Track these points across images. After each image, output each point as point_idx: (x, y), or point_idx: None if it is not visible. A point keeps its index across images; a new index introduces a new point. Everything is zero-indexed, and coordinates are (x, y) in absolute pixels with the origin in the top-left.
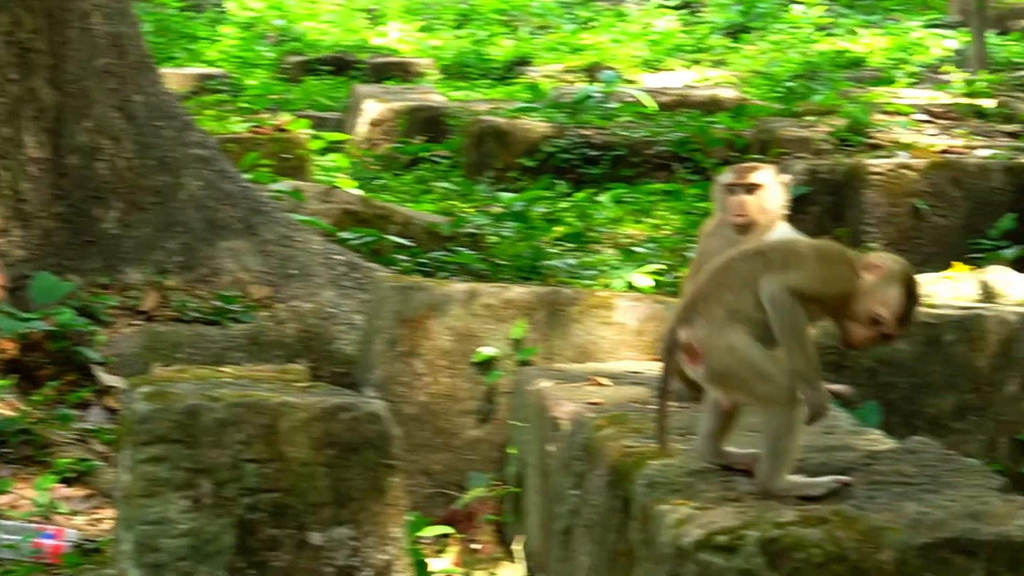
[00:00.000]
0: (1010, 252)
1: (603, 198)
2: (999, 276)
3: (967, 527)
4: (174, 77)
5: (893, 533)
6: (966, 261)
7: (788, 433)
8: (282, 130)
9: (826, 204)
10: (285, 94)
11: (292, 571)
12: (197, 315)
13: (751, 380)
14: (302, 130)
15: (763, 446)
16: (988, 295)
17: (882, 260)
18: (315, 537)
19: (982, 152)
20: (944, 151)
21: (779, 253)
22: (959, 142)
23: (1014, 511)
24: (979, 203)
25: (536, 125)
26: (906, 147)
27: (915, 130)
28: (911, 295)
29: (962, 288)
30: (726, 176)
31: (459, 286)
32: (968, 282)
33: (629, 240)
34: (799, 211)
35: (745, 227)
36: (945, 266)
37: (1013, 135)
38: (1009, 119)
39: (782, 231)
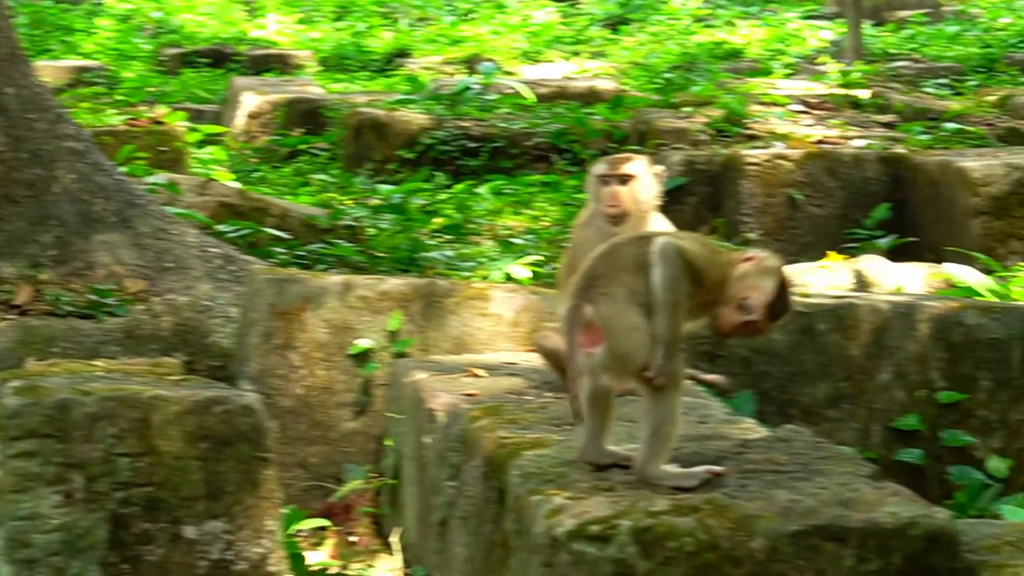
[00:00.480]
0: (884, 241)
1: (482, 190)
2: (873, 265)
3: (837, 514)
4: (50, 70)
5: (764, 521)
6: (841, 250)
7: (671, 421)
8: (159, 123)
9: (703, 195)
10: (162, 87)
11: (166, 565)
12: (71, 309)
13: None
14: (179, 123)
15: (645, 431)
16: (862, 284)
17: (758, 253)
18: (189, 531)
19: (857, 142)
20: (820, 141)
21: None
22: (835, 132)
23: (883, 498)
24: (854, 193)
25: (415, 117)
26: (782, 137)
27: (791, 121)
28: (782, 288)
29: (837, 277)
30: (599, 167)
31: (334, 278)
32: (843, 271)
33: (508, 232)
34: (676, 202)
35: (618, 218)
36: (821, 256)
37: (888, 125)
38: (884, 109)
39: (656, 222)
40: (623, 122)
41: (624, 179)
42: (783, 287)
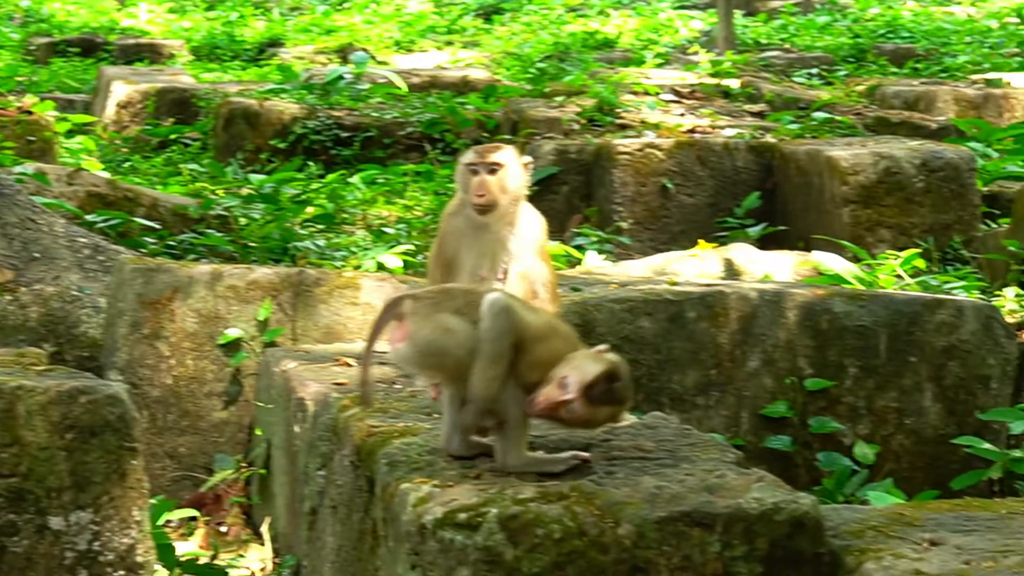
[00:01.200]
0: (754, 230)
1: (355, 179)
2: (742, 253)
3: (703, 500)
4: None
5: (631, 508)
6: (712, 239)
7: (517, 414)
8: (27, 112)
9: (575, 184)
10: (31, 76)
11: (32, 556)
12: None
13: (463, 359)
14: (48, 112)
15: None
16: (732, 272)
17: (603, 347)
18: (55, 522)
19: (728, 132)
20: (691, 131)
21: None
22: (705, 122)
23: (749, 484)
24: (724, 182)
25: (287, 107)
26: (654, 127)
27: (662, 110)
28: (611, 377)
29: (707, 266)
30: (467, 156)
31: (203, 267)
32: (713, 260)
33: (381, 221)
34: (548, 191)
35: (486, 208)
36: (691, 244)
37: (758, 115)
38: (754, 99)
39: (524, 212)
40: (496, 112)
41: (492, 168)
42: (613, 377)
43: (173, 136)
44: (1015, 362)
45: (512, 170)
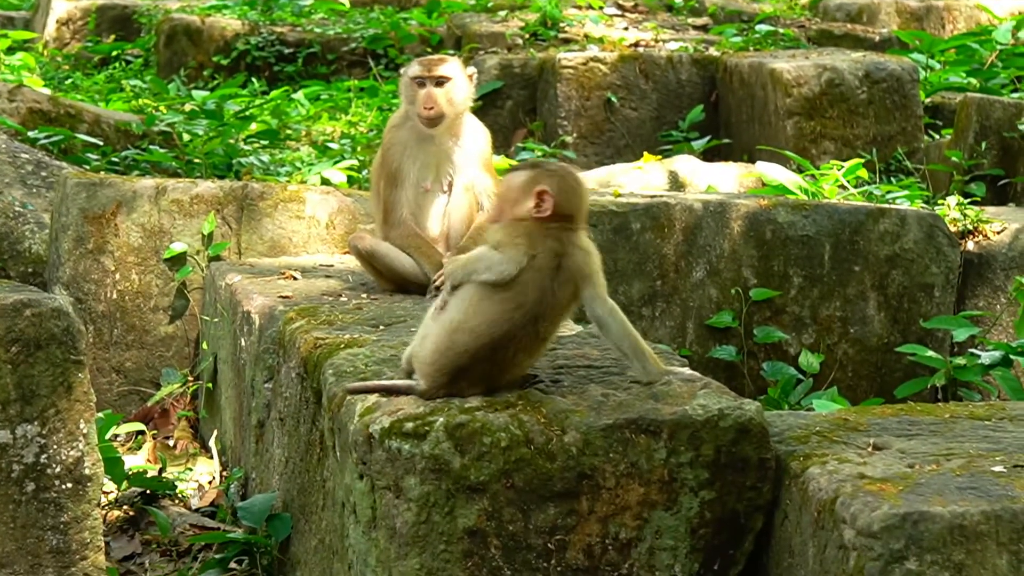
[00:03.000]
0: (699, 143)
1: (298, 96)
2: (687, 165)
3: (649, 408)
4: None
5: (577, 416)
6: (657, 152)
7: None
8: None
9: (519, 98)
10: None
11: None
12: None
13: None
14: None
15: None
16: (676, 185)
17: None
18: (2, 435)
19: (671, 45)
20: (634, 44)
21: None
22: (649, 35)
23: (694, 391)
24: (668, 95)
25: (229, 23)
26: (597, 41)
27: (606, 24)
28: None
29: (651, 178)
30: (413, 69)
31: (147, 181)
32: (657, 172)
33: (325, 137)
34: (493, 105)
35: (435, 120)
36: (636, 157)
37: (702, 28)
38: (697, 12)
39: (468, 125)
40: (439, 27)
41: (440, 81)
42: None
43: (115, 53)
44: (958, 270)
45: (459, 83)
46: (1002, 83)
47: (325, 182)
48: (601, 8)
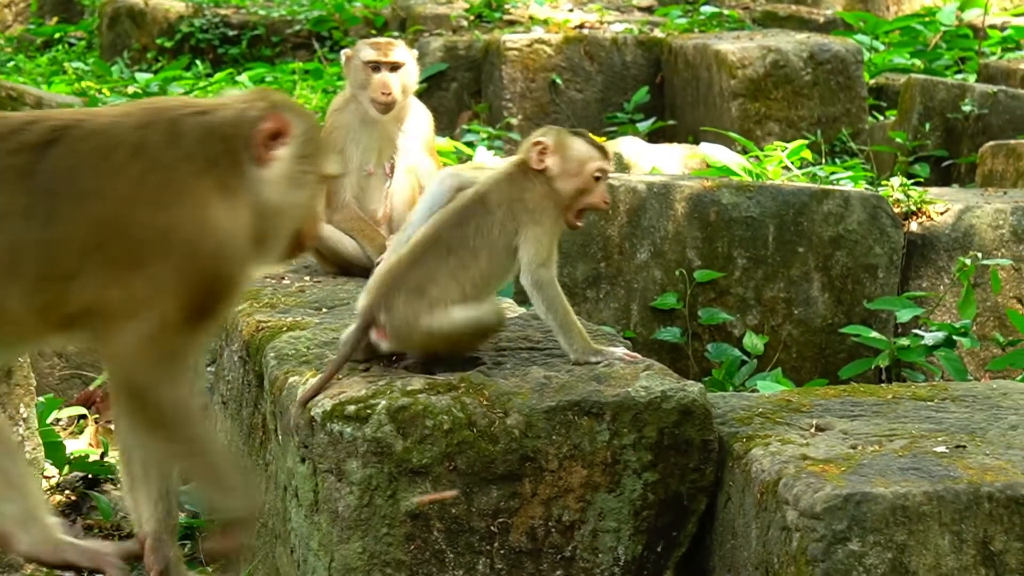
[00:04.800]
0: (644, 125)
1: (243, 78)
2: (632, 147)
3: (591, 390)
4: None
5: (520, 398)
6: (602, 134)
7: None
8: None
9: (464, 80)
10: None
11: None
12: None
13: None
14: None
15: None
16: (621, 166)
17: None
18: None
19: (616, 27)
20: (579, 26)
21: None
22: (593, 17)
23: (637, 373)
24: (613, 77)
25: (173, 5)
26: (542, 23)
27: (551, 6)
28: None
29: None
30: (367, 53)
31: None
32: None
33: None
34: (438, 88)
35: (390, 106)
36: None
37: (647, 9)
38: None
39: (412, 108)
40: (383, 8)
41: (395, 66)
42: None
43: (57, 35)
44: (901, 251)
45: (410, 67)
46: (946, 64)
47: None
48: None
